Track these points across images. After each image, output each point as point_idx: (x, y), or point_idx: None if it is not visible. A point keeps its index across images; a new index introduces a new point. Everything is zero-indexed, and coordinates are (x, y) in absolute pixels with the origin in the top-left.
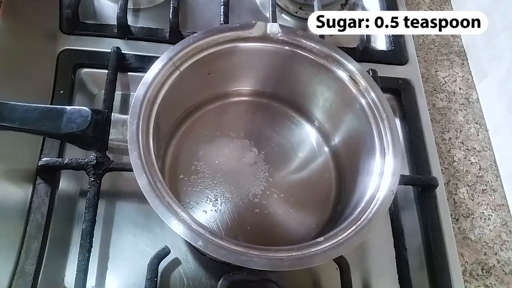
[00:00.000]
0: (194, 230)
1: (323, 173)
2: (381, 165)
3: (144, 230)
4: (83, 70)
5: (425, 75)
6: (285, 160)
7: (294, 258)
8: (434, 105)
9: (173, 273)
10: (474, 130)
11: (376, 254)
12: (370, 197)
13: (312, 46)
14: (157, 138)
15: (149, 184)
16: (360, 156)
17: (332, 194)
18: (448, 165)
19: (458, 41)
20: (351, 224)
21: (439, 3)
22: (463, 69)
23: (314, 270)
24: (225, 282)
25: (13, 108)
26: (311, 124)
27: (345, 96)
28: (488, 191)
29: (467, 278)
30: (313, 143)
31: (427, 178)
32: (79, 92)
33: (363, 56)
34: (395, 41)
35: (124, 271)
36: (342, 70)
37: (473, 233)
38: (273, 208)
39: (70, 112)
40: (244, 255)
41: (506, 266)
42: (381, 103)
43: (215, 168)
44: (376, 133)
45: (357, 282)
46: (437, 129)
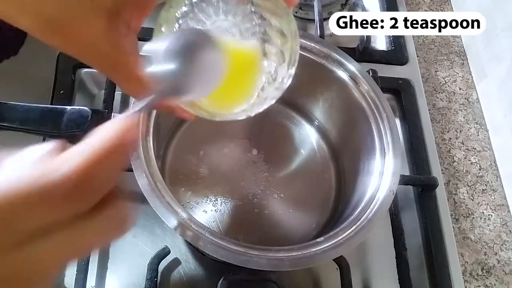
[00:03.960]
0: (194, 230)
1: (323, 173)
2: (381, 165)
3: (144, 230)
4: (83, 70)
5: (425, 75)
6: (285, 160)
7: (294, 258)
8: (434, 105)
9: (173, 273)
10: (474, 130)
11: (376, 254)
12: (370, 197)
13: (312, 46)
14: (157, 138)
15: (149, 184)
16: (360, 156)
17: (332, 194)
18: (448, 165)
19: (458, 41)
20: (351, 224)
21: (439, 3)
22: (463, 69)
23: (314, 270)
24: (225, 282)
25: (13, 108)
26: (311, 124)
27: (345, 96)
28: (488, 191)
29: (467, 278)
30: (313, 143)
31: (427, 178)
32: (79, 92)
33: (363, 56)
34: (395, 41)
35: (124, 271)
36: (342, 70)
37: (473, 233)
38: (273, 208)
39: (70, 112)
40: (244, 255)
41: (506, 266)
42: (381, 103)
43: (215, 168)
44: (376, 133)
45: (357, 282)
46: (437, 129)
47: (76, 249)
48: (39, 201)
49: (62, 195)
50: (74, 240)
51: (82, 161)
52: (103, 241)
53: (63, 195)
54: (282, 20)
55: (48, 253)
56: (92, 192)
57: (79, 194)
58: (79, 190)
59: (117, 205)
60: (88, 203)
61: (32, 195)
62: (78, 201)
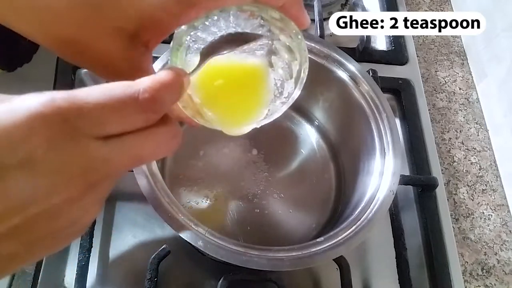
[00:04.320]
0: (194, 230)
1: (323, 173)
2: (381, 165)
3: (144, 230)
4: (83, 70)
5: (425, 75)
6: (285, 160)
7: (294, 258)
8: (434, 105)
9: (173, 273)
10: (474, 130)
11: (376, 254)
12: (370, 197)
13: (312, 46)
14: None
15: (149, 184)
16: (360, 156)
17: (332, 194)
18: (448, 165)
19: (458, 41)
20: (351, 224)
21: (439, 3)
22: (463, 69)
23: (314, 270)
24: (225, 282)
25: None
26: (311, 124)
27: (345, 96)
28: (488, 191)
29: (467, 278)
30: (313, 143)
31: (427, 178)
32: None
33: (363, 56)
34: (395, 41)
35: (124, 271)
36: (342, 70)
37: (473, 233)
38: (273, 208)
39: None
40: (244, 255)
41: (506, 266)
42: (381, 103)
43: (215, 168)
44: (376, 133)
45: (357, 282)
46: (437, 129)
47: (140, 155)
48: (124, 106)
49: (140, 105)
50: (140, 146)
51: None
52: (161, 151)
53: (141, 105)
54: (292, 40)
55: (119, 152)
56: (159, 107)
57: (151, 106)
58: (151, 103)
59: (170, 126)
60: (155, 115)
61: (121, 99)
62: (148, 112)
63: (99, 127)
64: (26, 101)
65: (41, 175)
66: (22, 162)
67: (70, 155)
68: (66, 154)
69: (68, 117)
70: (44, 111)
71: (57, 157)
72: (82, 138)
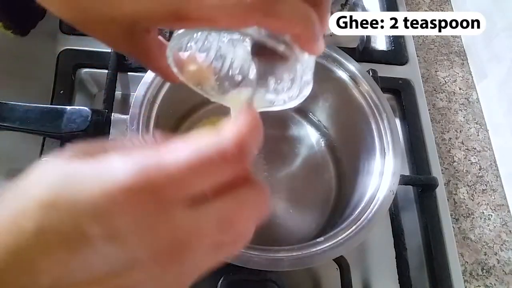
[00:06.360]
0: None
1: (323, 173)
2: (381, 165)
3: None
4: (83, 70)
5: (425, 75)
6: (285, 160)
7: (294, 258)
8: (434, 105)
9: None
10: (474, 130)
11: (376, 254)
12: (370, 197)
13: None
14: None
15: None
16: (360, 156)
17: (332, 194)
18: (448, 165)
19: (458, 41)
20: (351, 224)
21: (439, 3)
22: (463, 69)
23: (314, 270)
24: (225, 282)
25: (13, 108)
26: (311, 124)
27: (345, 96)
28: (488, 191)
29: (467, 278)
30: (313, 143)
31: (427, 178)
32: (79, 92)
33: (363, 56)
34: (395, 41)
35: None
36: (342, 70)
37: (473, 233)
38: (273, 208)
39: (70, 112)
40: (244, 255)
41: (506, 266)
42: (381, 103)
43: None
44: (376, 133)
45: (357, 282)
46: (437, 129)
47: (230, 219)
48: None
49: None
50: (228, 208)
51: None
52: (254, 215)
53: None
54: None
55: (207, 218)
56: (247, 159)
57: (239, 159)
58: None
59: (255, 184)
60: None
61: (210, 158)
62: (236, 166)
63: (186, 192)
64: (114, 163)
65: (124, 249)
66: (104, 235)
67: (157, 229)
68: (153, 229)
69: (157, 189)
70: (135, 182)
71: (143, 231)
72: (169, 208)
